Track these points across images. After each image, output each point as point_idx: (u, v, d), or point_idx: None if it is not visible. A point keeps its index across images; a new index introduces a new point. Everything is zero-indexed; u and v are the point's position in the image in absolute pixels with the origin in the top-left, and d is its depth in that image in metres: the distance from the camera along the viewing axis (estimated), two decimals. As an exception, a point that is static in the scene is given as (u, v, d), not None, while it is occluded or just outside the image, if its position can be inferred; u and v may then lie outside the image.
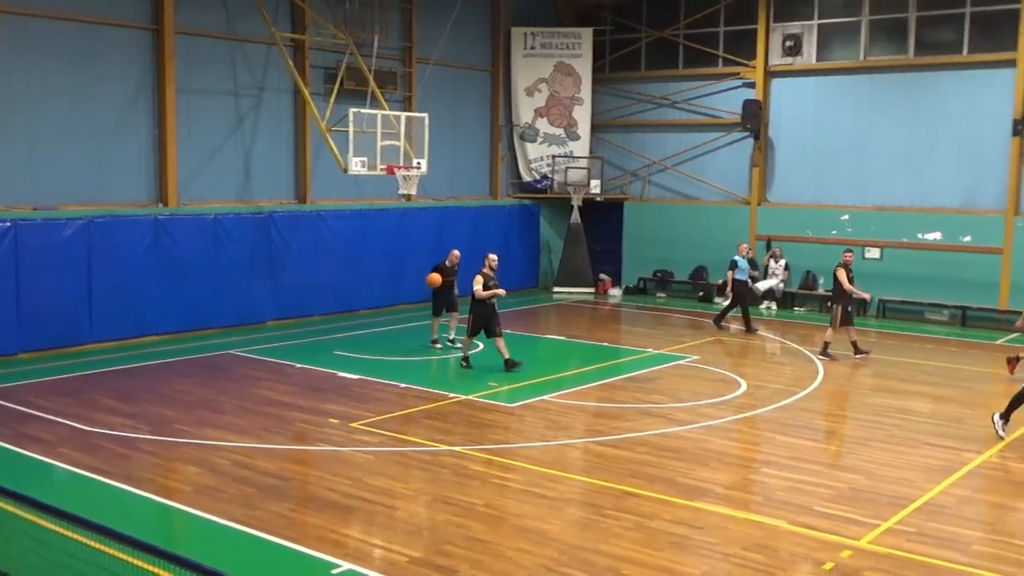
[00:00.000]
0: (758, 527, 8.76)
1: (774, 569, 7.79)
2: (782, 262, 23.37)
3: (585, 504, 9.46)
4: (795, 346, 18.32)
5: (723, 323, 20.03)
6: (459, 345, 16.63)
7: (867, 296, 17.95)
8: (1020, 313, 15.19)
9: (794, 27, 23.64)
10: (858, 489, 9.86)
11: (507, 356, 15.22)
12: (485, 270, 15.51)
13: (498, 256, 16.12)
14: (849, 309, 17.06)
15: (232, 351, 16.68)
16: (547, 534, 8.49)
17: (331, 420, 12.23)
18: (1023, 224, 20.78)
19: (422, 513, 9.11)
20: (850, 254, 17.80)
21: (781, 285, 23.27)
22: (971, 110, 21.38)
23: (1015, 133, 20.60)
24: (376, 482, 9.82)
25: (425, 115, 20.23)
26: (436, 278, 16.91)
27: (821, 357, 16.78)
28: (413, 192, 19.79)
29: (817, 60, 23.48)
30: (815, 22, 23.41)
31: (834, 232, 23.15)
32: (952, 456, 11.03)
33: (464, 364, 15.62)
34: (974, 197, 21.49)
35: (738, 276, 19.46)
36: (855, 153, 22.93)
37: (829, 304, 18.15)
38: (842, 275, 16.93)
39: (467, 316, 15.75)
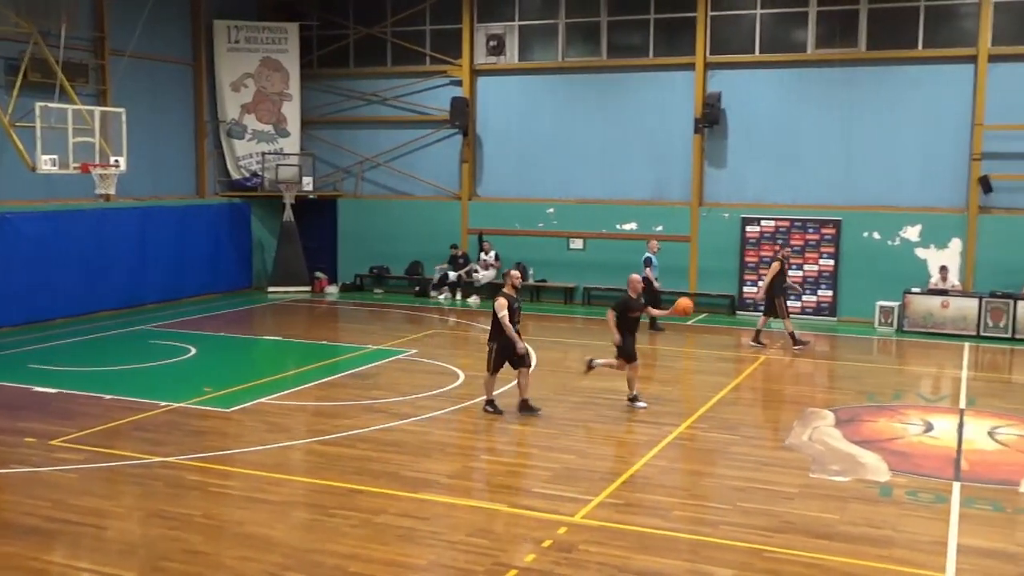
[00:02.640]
0: (480, 512, 9.03)
1: (497, 551, 8.07)
2: (492, 253, 24.17)
3: (310, 505, 9.34)
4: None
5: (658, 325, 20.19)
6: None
7: (798, 289, 20.06)
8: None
9: (497, 27, 24.46)
10: (572, 468, 10.40)
11: (528, 396, 12.78)
12: (508, 290, 12.60)
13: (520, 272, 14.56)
14: (784, 300, 18.37)
15: (-96, 371, 14.98)
16: (271, 539, 8.31)
17: (27, 439, 11.27)
18: (706, 214, 22.70)
19: (135, 530, 8.62)
20: (787, 250, 19.08)
21: (492, 274, 24.08)
22: (658, 109, 23.09)
23: (696, 131, 22.48)
24: (81, 502, 9.18)
25: (122, 110, 19.12)
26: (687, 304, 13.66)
27: (796, 348, 17.82)
28: (112, 192, 18.65)
29: (520, 60, 24.44)
30: (516, 23, 24.35)
31: (541, 225, 24.24)
32: (654, 431, 11.89)
33: (490, 409, 12.69)
34: (663, 190, 23.24)
35: (652, 273, 19.81)
36: (558, 149, 24.11)
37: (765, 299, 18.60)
38: (775, 268, 18.07)
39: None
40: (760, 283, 20.01)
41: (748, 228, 22.45)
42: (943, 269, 20.47)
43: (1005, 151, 20.33)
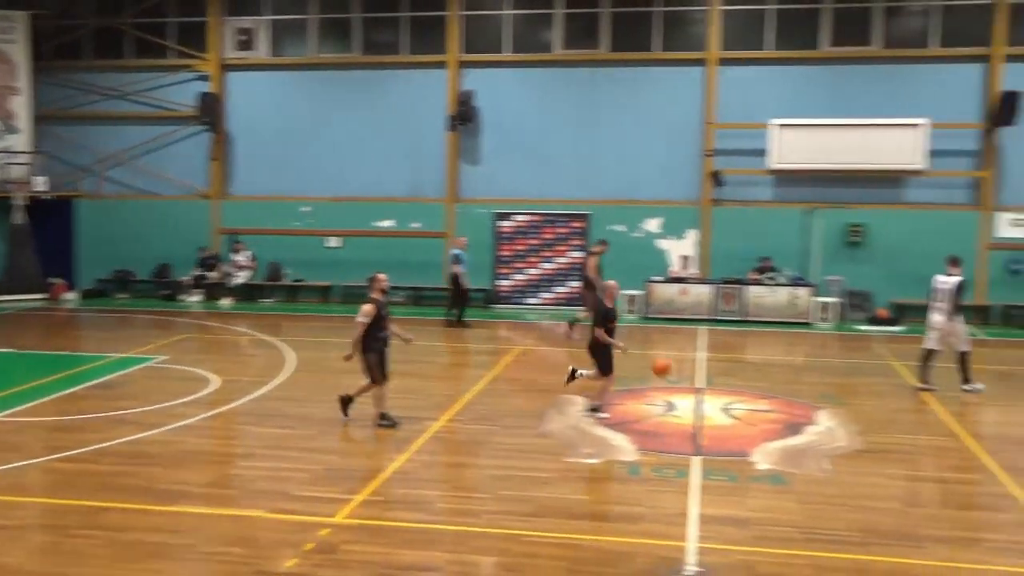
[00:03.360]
0: (238, 521, 8.78)
1: (256, 559, 7.88)
2: (248, 253, 23.51)
3: (50, 528, 8.74)
4: (265, 337, 18.54)
5: (466, 321, 19.86)
6: None
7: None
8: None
9: (246, 21, 23.79)
10: (333, 468, 10.31)
11: (386, 408, 12.08)
12: (375, 295, 11.91)
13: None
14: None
15: None
16: (6, 567, 7.71)
17: None
18: (462, 210, 23.08)
19: None
20: (605, 245, 19.05)
21: (249, 274, 23.43)
22: (413, 107, 23.25)
23: (450, 128, 22.81)
24: None
25: None
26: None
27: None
28: None
29: (272, 55, 23.87)
30: (267, 18, 23.78)
31: (297, 223, 23.81)
32: (415, 426, 11.97)
33: (385, 423, 11.95)
34: (419, 187, 23.42)
35: (461, 269, 19.39)
36: (313, 146, 23.77)
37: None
38: (591, 263, 18.58)
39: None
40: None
41: (501, 223, 23.02)
42: (684, 258, 21.86)
43: (734, 148, 21.94)
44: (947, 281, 14.31)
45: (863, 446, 11.36)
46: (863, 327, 20.77)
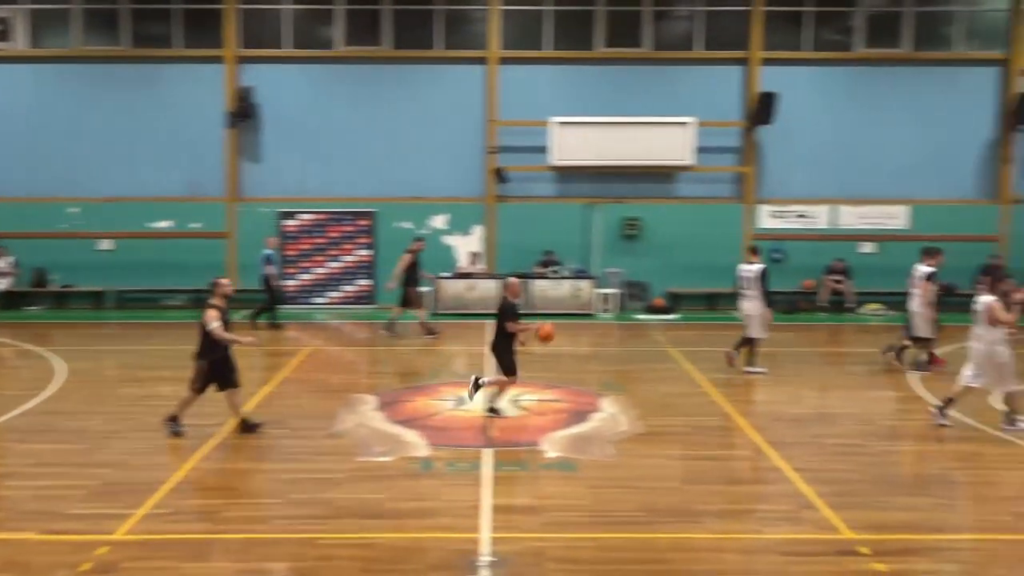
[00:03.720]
0: (6, 545, 8.18)
1: (28, 584, 7.38)
2: (10, 259, 21.90)
3: None
4: (31, 347, 17.35)
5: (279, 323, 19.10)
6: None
7: (429, 276, 20.04)
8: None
9: (3, 10, 22.15)
10: (111, 483, 9.77)
11: (245, 415, 11.76)
12: (217, 300, 11.37)
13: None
14: (418, 291, 18.75)
15: None
16: None
17: None
18: (244, 209, 22.43)
19: None
20: (421, 242, 18.85)
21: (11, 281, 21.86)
22: (189, 103, 22.36)
23: (230, 125, 22.10)
24: None
25: None
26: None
27: (428, 337, 18.18)
28: None
29: (32, 47, 22.35)
30: (25, 6, 22.23)
31: (64, 226, 22.42)
32: (200, 433, 11.53)
33: (177, 428, 11.51)
34: (198, 186, 22.57)
35: (272, 270, 18.39)
36: (80, 144, 22.49)
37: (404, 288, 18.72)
38: (407, 260, 18.36)
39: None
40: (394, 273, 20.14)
41: (286, 222, 22.55)
42: (472, 254, 22.14)
43: (517, 145, 22.43)
44: (751, 269, 15.30)
45: (644, 429, 11.90)
46: (641, 316, 21.76)
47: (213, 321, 11.14)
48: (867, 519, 8.78)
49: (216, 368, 11.42)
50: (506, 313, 12.42)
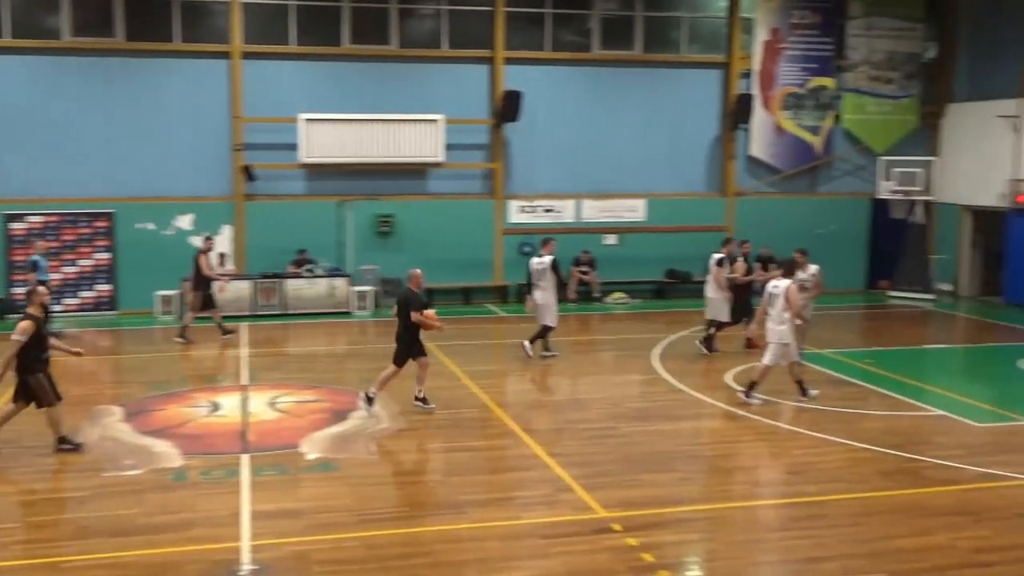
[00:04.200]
0: None
1: None
2: None
3: None
4: None
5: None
6: None
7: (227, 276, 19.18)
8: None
9: None
10: None
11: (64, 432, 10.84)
12: (34, 310, 10.66)
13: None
14: (210, 293, 17.90)
15: None
16: None
17: None
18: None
19: None
20: (211, 240, 18.35)
21: None
22: None
23: None
24: None
25: None
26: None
27: (179, 339, 17.17)
28: None
29: None
30: None
31: None
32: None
33: (67, 447, 10.77)
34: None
35: (40, 276, 16.42)
36: None
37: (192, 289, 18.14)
38: (203, 261, 17.65)
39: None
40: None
41: (13, 225, 20.89)
42: (222, 255, 21.35)
43: (265, 142, 21.85)
44: (542, 262, 15.96)
45: (405, 425, 11.99)
46: (398, 313, 21.80)
47: (20, 334, 10.35)
48: (619, 497, 9.29)
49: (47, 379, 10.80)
50: (410, 303, 12.37)
